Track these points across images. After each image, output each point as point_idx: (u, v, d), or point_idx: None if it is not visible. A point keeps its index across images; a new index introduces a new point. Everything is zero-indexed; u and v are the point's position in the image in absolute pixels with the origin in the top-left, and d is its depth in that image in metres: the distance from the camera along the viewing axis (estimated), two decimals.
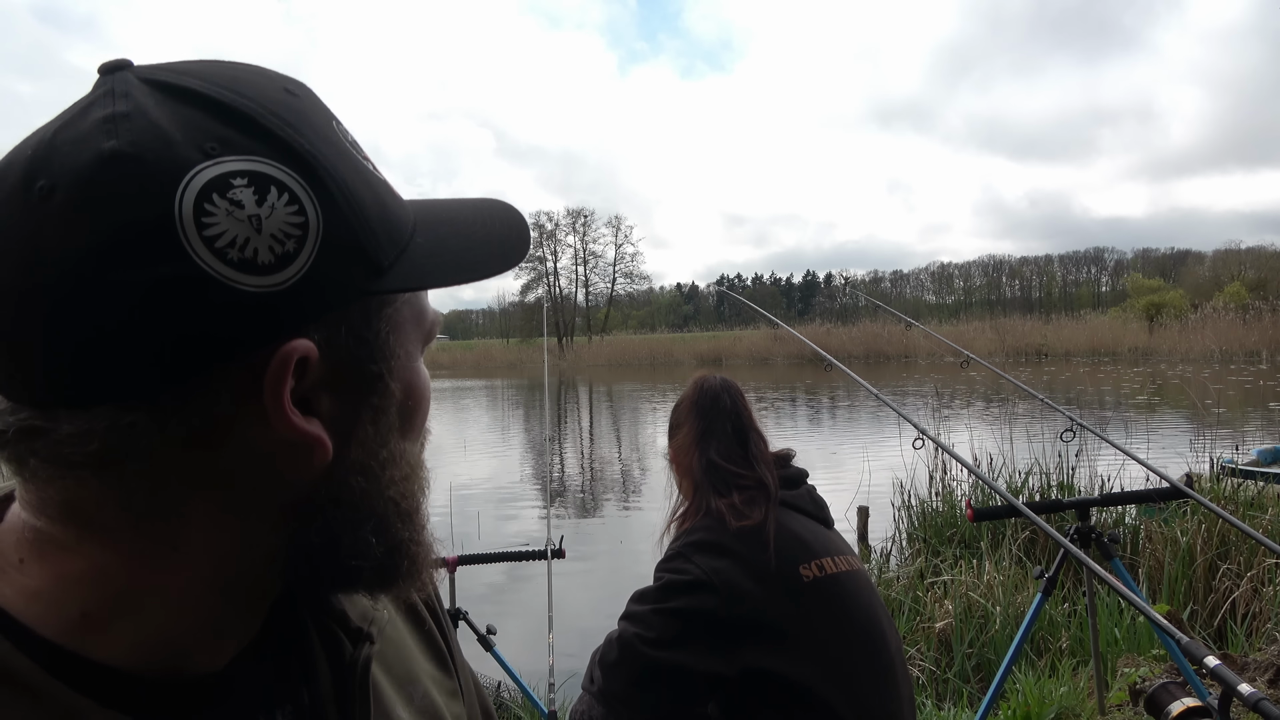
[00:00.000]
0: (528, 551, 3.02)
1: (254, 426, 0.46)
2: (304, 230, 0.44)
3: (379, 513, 0.52)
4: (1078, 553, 2.08)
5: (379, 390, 0.51)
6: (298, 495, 0.49)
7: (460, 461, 12.85)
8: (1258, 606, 4.51)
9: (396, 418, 0.53)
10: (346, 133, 0.50)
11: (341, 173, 0.47)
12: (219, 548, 0.48)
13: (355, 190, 0.47)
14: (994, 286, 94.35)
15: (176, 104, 0.44)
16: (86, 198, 0.41)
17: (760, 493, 1.72)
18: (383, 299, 0.50)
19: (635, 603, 1.69)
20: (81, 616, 0.47)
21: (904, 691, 1.70)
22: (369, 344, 0.50)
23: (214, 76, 0.46)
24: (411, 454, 0.55)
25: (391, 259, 0.49)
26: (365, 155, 0.51)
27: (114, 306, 0.41)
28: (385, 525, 0.52)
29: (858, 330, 45.92)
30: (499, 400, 27.78)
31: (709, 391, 1.87)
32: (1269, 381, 19.38)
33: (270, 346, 0.44)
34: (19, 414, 0.44)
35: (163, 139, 0.42)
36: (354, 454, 0.50)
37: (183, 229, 0.41)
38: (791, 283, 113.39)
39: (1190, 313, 40.33)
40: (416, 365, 0.55)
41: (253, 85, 0.47)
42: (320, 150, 0.46)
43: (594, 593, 6.28)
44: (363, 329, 0.49)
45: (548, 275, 69.31)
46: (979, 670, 4.40)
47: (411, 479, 0.55)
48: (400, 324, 0.52)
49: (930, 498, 6.84)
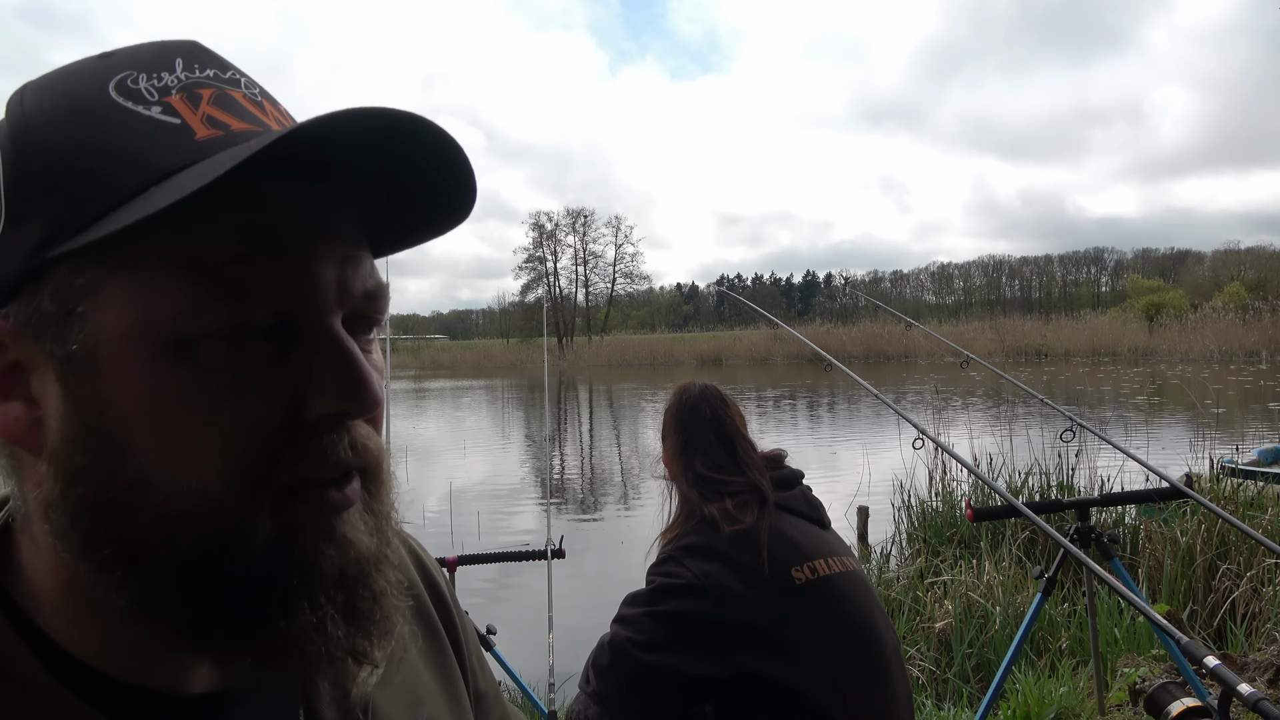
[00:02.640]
0: (528, 551, 3.01)
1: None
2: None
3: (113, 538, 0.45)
4: (1077, 553, 2.08)
5: (72, 377, 0.44)
6: (43, 493, 0.45)
7: (460, 461, 12.85)
8: (1257, 606, 4.50)
9: (100, 422, 0.44)
10: (150, 81, 0.46)
11: (21, 127, 0.45)
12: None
13: (46, 139, 0.44)
14: (994, 286, 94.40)
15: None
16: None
17: (752, 496, 1.72)
18: (81, 265, 0.43)
19: (627, 606, 1.69)
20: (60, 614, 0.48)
21: (900, 692, 1.70)
22: (63, 321, 0.43)
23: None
24: (148, 478, 0.44)
25: (92, 213, 0.42)
26: (172, 101, 0.46)
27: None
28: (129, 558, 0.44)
29: (858, 330, 45.93)
30: (499, 401, 27.77)
31: (688, 403, 1.86)
32: (1269, 381, 19.39)
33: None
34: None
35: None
36: (66, 452, 0.44)
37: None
38: (791, 283, 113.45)
39: (1190, 313, 40.35)
40: (128, 368, 0.43)
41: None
42: (30, 110, 0.45)
43: (594, 593, 6.27)
44: (58, 302, 0.43)
45: (548, 275, 69.35)
46: (979, 670, 4.40)
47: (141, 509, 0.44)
48: (107, 298, 0.43)
49: (930, 498, 6.83)
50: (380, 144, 0.46)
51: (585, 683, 1.73)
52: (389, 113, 0.43)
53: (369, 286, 0.49)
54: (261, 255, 0.44)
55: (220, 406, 0.43)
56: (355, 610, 0.47)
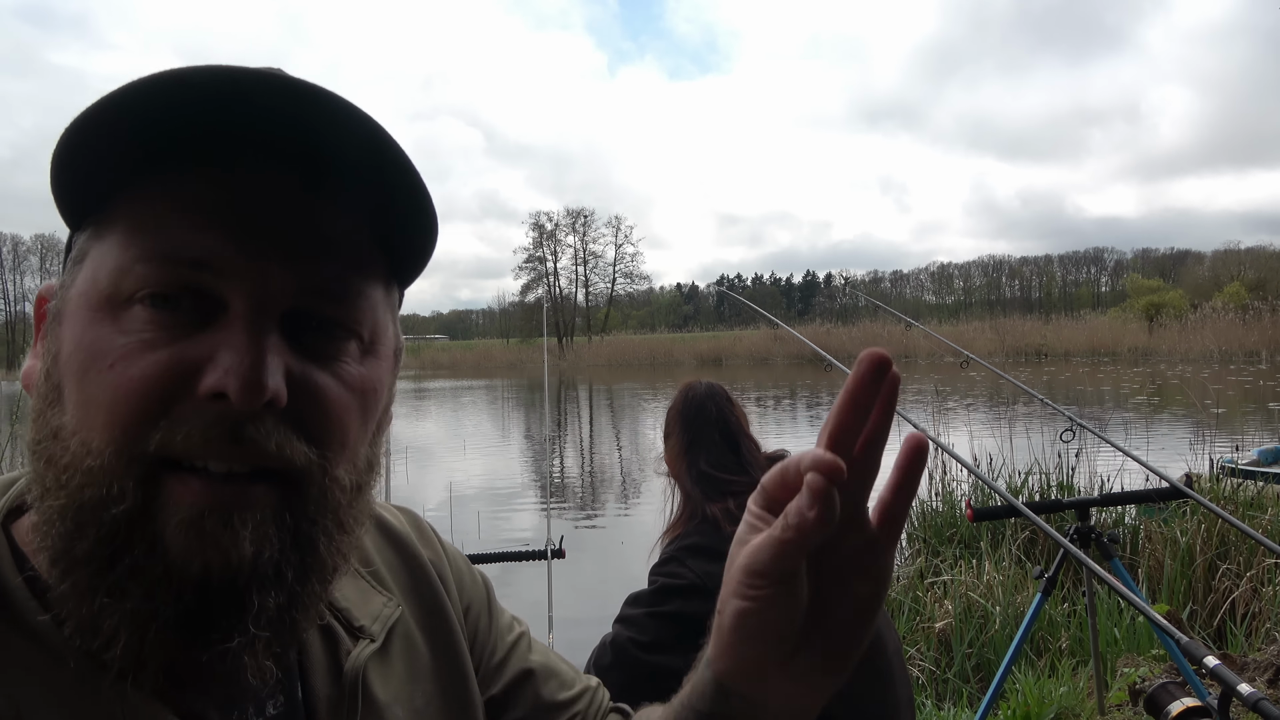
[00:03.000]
0: (528, 551, 3.01)
1: None
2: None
3: (37, 473, 0.49)
4: (1077, 553, 2.08)
5: (48, 336, 0.51)
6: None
7: (460, 461, 12.84)
8: (1257, 606, 4.50)
9: (47, 380, 0.49)
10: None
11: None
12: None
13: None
14: (994, 287, 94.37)
15: None
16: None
17: None
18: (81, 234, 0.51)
19: (629, 606, 1.69)
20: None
21: (902, 693, 1.70)
22: (64, 285, 0.51)
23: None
24: (59, 426, 0.47)
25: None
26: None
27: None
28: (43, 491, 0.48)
29: (858, 330, 45.90)
30: (499, 400, 27.77)
31: (693, 401, 1.86)
32: (1269, 381, 19.38)
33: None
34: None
35: None
36: (33, 402, 0.50)
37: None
38: (791, 283, 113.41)
39: (1190, 313, 40.35)
40: (76, 330, 0.47)
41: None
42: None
43: (594, 593, 6.27)
44: (64, 271, 0.51)
45: (548, 275, 69.36)
46: (979, 670, 4.40)
47: (50, 457, 0.47)
48: (80, 264, 0.49)
49: (930, 498, 6.83)
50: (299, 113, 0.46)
51: None
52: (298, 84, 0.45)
53: (331, 287, 0.48)
54: (196, 229, 0.46)
55: (119, 364, 0.45)
56: (205, 621, 0.46)
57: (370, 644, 0.60)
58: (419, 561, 0.70)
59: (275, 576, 0.46)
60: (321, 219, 0.49)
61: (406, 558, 0.70)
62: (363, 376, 0.51)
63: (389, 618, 0.63)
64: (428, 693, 0.64)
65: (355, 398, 0.50)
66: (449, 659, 0.68)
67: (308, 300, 0.48)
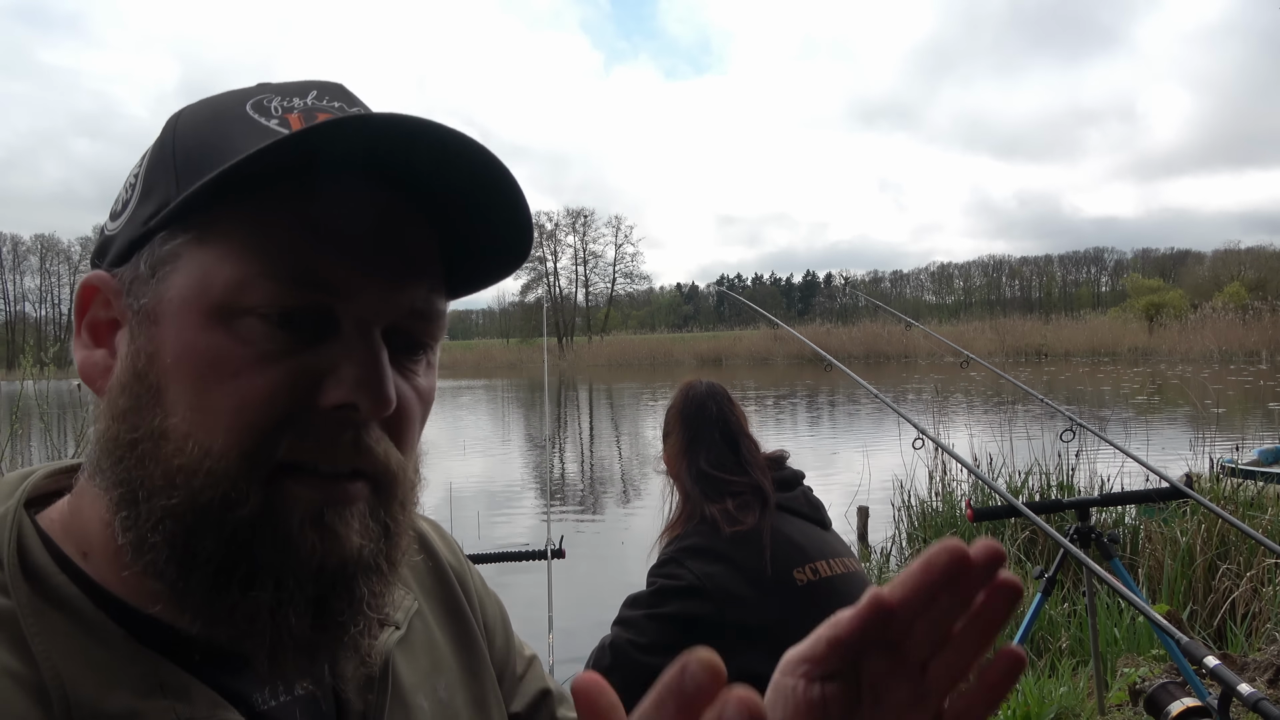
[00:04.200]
0: (528, 551, 3.01)
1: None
2: (137, 179, 0.53)
3: (121, 479, 0.50)
4: (1077, 553, 2.08)
5: (131, 338, 0.51)
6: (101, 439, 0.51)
7: (460, 461, 12.84)
8: (1257, 606, 4.50)
9: (137, 379, 0.49)
10: (264, 100, 0.54)
11: (183, 133, 0.53)
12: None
13: (179, 135, 0.53)
14: (994, 287, 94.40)
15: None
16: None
17: (754, 497, 1.71)
18: (162, 237, 0.50)
19: (628, 608, 1.69)
20: (83, 557, 0.52)
21: None
22: (140, 286, 0.51)
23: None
24: (166, 428, 0.48)
25: (178, 194, 0.49)
26: (277, 108, 0.54)
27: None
28: (126, 500, 0.49)
29: (858, 330, 45.95)
30: (499, 400, 27.77)
31: (694, 399, 1.86)
32: (1269, 381, 19.38)
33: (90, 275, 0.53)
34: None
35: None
36: (114, 397, 0.51)
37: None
38: (791, 283, 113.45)
39: (1190, 313, 40.36)
40: (176, 332, 0.49)
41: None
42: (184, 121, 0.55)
43: (594, 593, 6.27)
44: (145, 268, 0.51)
45: (548, 275, 69.41)
46: None
47: (154, 459, 0.48)
48: (170, 270, 0.49)
49: (930, 498, 6.83)
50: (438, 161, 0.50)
51: None
52: (448, 132, 0.48)
53: (420, 307, 0.53)
54: (317, 249, 0.48)
55: (242, 374, 0.47)
56: (326, 607, 0.49)
57: (395, 631, 0.61)
58: (440, 563, 0.72)
59: (375, 565, 0.51)
60: (417, 241, 0.53)
61: (429, 557, 0.72)
62: (429, 388, 0.56)
63: (409, 608, 0.64)
64: (450, 685, 0.65)
65: (423, 407, 0.55)
66: (469, 658, 0.69)
67: (404, 318, 0.52)
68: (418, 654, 0.64)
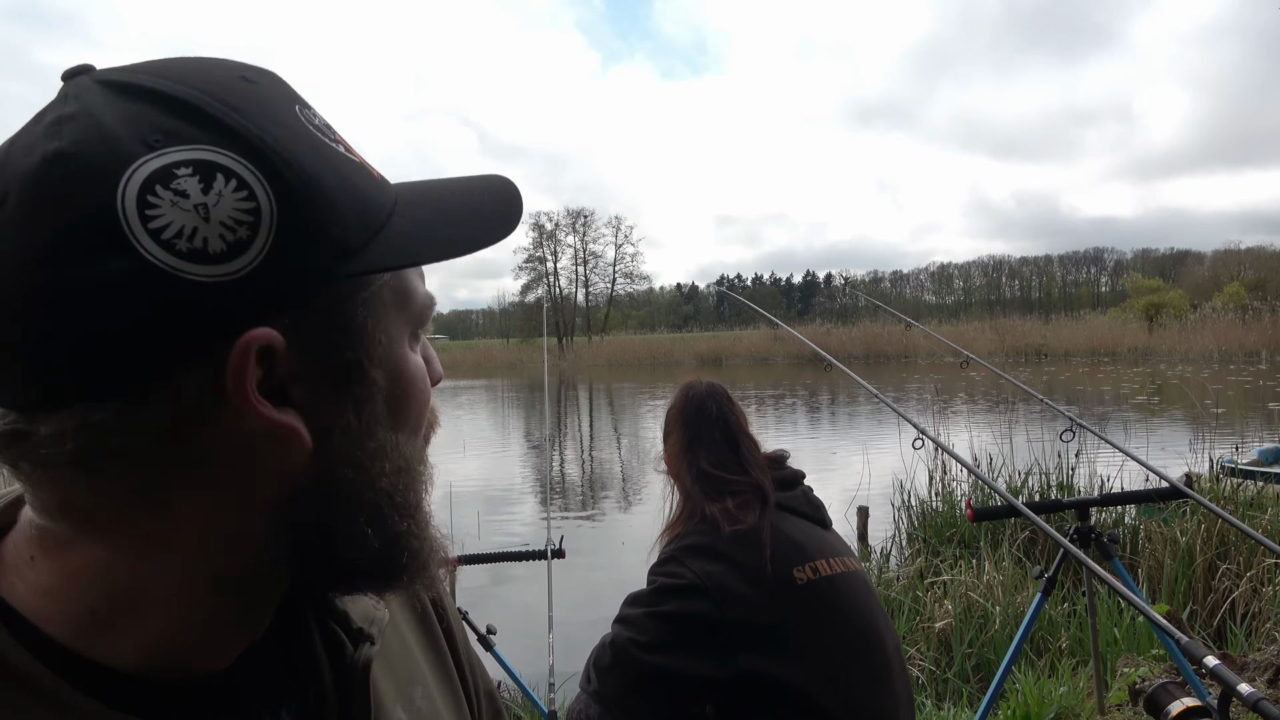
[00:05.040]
0: (528, 551, 3.01)
1: (228, 418, 0.45)
2: (256, 216, 0.43)
3: (371, 505, 0.50)
4: (1077, 553, 2.08)
5: (358, 378, 0.49)
6: (285, 488, 0.48)
7: (460, 461, 12.84)
8: (1257, 606, 4.51)
9: (384, 408, 0.51)
10: (314, 115, 0.49)
11: (299, 156, 0.46)
12: (210, 543, 0.48)
13: (316, 172, 0.46)
14: (993, 287, 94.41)
15: (124, 100, 0.44)
16: (34, 200, 0.41)
17: (754, 496, 1.71)
18: (358, 282, 0.49)
19: (628, 606, 1.69)
20: (90, 613, 0.47)
21: (901, 693, 1.70)
22: (343, 329, 0.48)
23: (167, 71, 0.45)
24: (406, 447, 0.53)
25: (363, 241, 0.47)
26: (336, 137, 0.50)
27: (68, 306, 0.41)
28: (380, 517, 0.50)
29: (858, 330, 45.94)
30: (499, 400, 27.78)
31: (694, 399, 1.86)
32: (1269, 381, 19.39)
33: (230, 337, 0.43)
34: (5, 418, 0.44)
35: (104, 135, 0.42)
36: (338, 444, 0.49)
37: (126, 222, 0.41)
38: (791, 283, 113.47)
39: (1190, 313, 40.35)
40: (403, 352, 0.53)
41: (205, 75, 0.46)
42: (274, 134, 0.45)
43: (594, 592, 6.27)
44: (335, 314, 0.48)
45: (548, 275, 69.37)
46: (979, 670, 4.40)
47: (407, 472, 0.53)
48: (380, 308, 0.50)
49: (930, 498, 6.84)
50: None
51: (586, 682, 1.73)
52: (508, 192, 0.56)
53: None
54: (419, 278, 0.56)
55: (424, 376, 0.56)
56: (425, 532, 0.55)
57: (372, 646, 0.60)
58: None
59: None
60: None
61: None
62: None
63: (382, 620, 0.63)
64: (426, 693, 0.65)
65: None
66: (441, 665, 0.69)
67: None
68: (393, 665, 0.63)
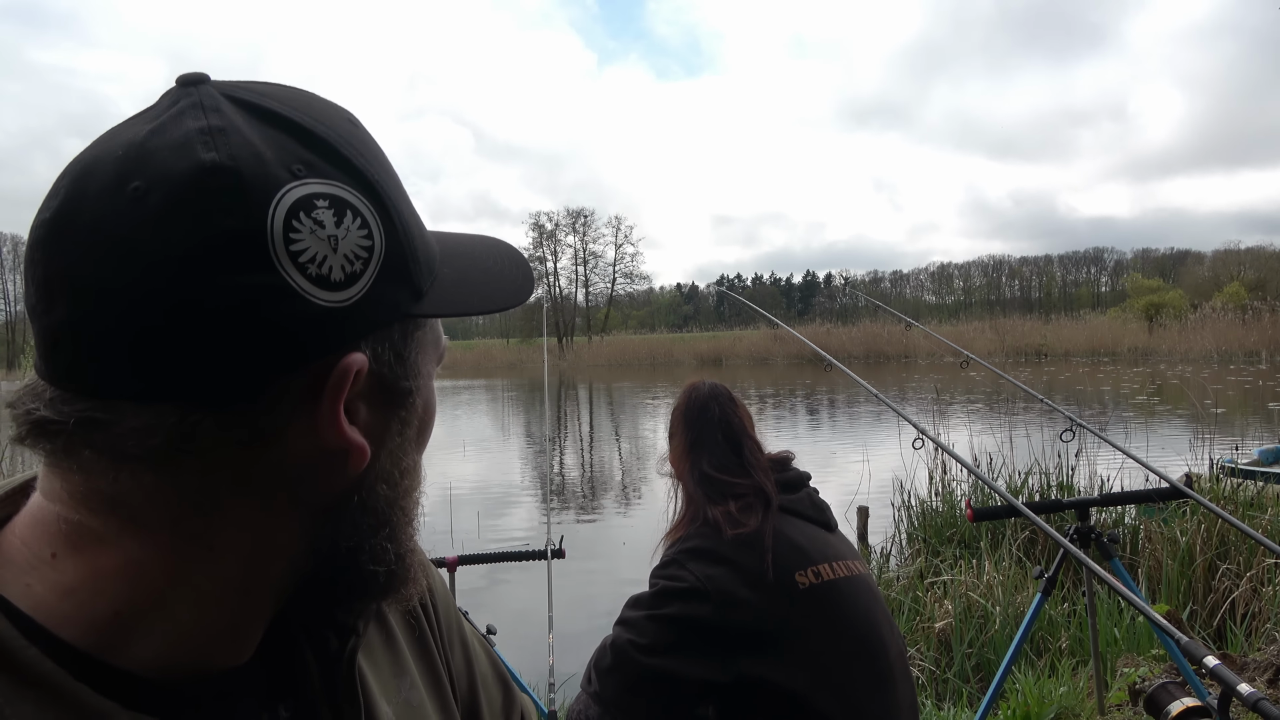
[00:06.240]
0: (528, 551, 3.01)
1: (305, 432, 0.48)
2: (369, 253, 0.48)
3: (393, 521, 0.55)
4: (1077, 553, 2.08)
5: (407, 404, 0.54)
6: (331, 500, 0.51)
7: (460, 461, 12.84)
8: (1257, 606, 4.51)
9: (415, 431, 0.56)
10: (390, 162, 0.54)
11: (399, 203, 0.51)
12: (252, 548, 0.49)
13: (407, 219, 0.52)
14: (993, 287, 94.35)
15: (263, 124, 0.47)
16: (184, 203, 0.43)
17: (757, 499, 1.71)
18: (416, 321, 0.54)
19: (630, 608, 1.68)
20: (113, 615, 0.46)
21: (904, 698, 1.69)
22: (405, 361, 0.53)
23: (291, 101, 0.49)
24: (420, 466, 0.59)
25: (427, 286, 0.53)
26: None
27: (201, 309, 0.43)
28: (396, 533, 0.55)
29: (858, 330, 45.95)
30: (499, 400, 27.77)
31: (697, 401, 1.85)
32: (1269, 381, 19.39)
33: (331, 357, 0.47)
34: (77, 404, 0.45)
35: (258, 156, 0.45)
36: (383, 463, 0.53)
37: (273, 242, 0.44)
38: (791, 283, 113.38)
39: (1190, 313, 40.36)
40: (432, 384, 0.58)
41: (325, 112, 0.50)
42: (383, 180, 0.50)
43: (594, 593, 6.28)
44: (401, 347, 0.52)
45: (548, 275, 69.33)
46: (979, 670, 4.40)
47: (417, 490, 0.58)
48: (424, 346, 0.56)
49: (930, 498, 6.83)
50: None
51: (587, 683, 1.73)
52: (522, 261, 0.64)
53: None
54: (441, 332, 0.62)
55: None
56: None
57: (357, 638, 0.60)
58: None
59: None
60: None
61: None
62: None
63: (368, 614, 0.63)
64: (412, 684, 0.65)
65: None
66: (425, 657, 0.69)
67: None
68: (378, 658, 0.64)
